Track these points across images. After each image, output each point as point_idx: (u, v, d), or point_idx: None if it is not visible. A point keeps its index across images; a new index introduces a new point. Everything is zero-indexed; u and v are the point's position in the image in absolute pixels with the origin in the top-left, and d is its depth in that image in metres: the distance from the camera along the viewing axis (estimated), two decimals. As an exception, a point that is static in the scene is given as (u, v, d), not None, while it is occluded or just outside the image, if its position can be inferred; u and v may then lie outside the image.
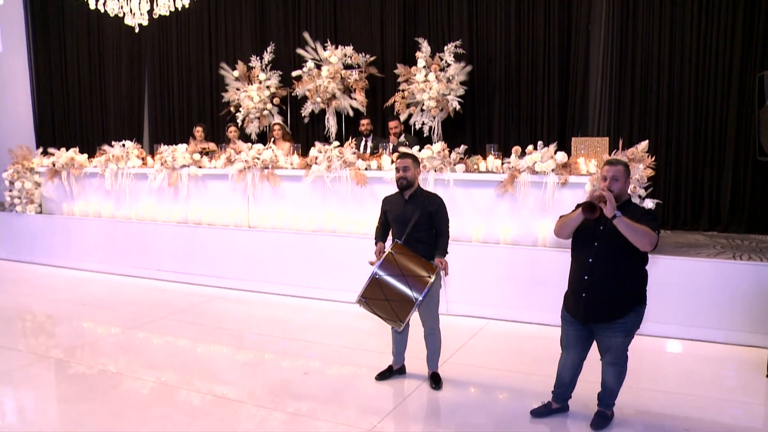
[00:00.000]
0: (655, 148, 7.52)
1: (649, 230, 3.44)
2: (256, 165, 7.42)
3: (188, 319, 6.25)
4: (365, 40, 9.23)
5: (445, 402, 4.32)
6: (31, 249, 9.00)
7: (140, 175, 8.25)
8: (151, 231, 8.00)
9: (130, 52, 11.15)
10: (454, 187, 6.44)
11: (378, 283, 4.00)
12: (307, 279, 6.97)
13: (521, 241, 6.20)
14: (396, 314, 4.03)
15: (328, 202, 7.12)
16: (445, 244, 4.31)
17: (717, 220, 7.37)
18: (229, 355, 5.35)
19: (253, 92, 9.61)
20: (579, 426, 3.90)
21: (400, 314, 4.02)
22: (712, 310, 5.35)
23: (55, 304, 7.04)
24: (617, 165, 3.68)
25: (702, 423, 3.96)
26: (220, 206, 7.73)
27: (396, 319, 4.07)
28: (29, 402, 4.40)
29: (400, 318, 4.04)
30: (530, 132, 8.19)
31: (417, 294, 3.97)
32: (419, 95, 8.38)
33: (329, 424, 3.96)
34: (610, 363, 3.79)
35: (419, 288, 3.99)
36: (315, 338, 5.64)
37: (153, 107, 11.10)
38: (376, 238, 4.53)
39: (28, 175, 9.10)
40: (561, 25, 8.06)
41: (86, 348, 5.48)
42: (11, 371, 4.85)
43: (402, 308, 4.00)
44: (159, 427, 3.91)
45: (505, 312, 6.04)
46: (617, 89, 7.72)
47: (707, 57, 7.31)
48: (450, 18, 8.71)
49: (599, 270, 3.64)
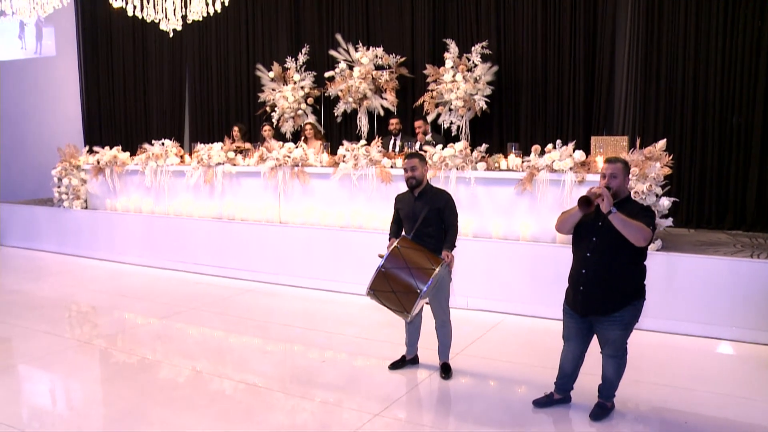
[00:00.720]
0: (680, 146, 7.53)
1: (643, 226, 3.56)
2: (287, 163, 7.70)
3: (220, 310, 6.57)
4: (396, 42, 9.42)
5: (454, 391, 4.50)
6: (77, 242, 9.50)
7: (178, 173, 8.64)
8: (188, 226, 8.38)
9: (171, 56, 11.61)
10: (475, 184, 6.60)
11: (385, 276, 4.20)
12: (335, 273, 7.21)
13: (540, 237, 6.31)
14: (402, 305, 4.22)
15: (355, 199, 7.35)
16: (453, 237, 4.48)
17: (742, 219, 7.31)
18: (256, 344, 5.63)
19: (287, 92, 9.90)
20: (579, 416, 4.03)
21: (406, 305, 4.21)
22: (725, 307, 5.38)
23: (96, 294, 7.46)
24: (616, 163, 3.80)
25: (701, 417, 4.03)
26: (253, 202, 8.04)
27: (402, 310, 4.26)
28: (64, 381, 4.77)
29: (406, 309, 4.23)
30: (556, 131, 8.24)
31: (421, 285, 4.16)
32: (447, 95, 8.54)
33: (339, 407, 4.19)
34: (609, 356, 3.91)
35: (423, 279, 4.17)
36: (337, 329, 5.88)
37: (193, 107, 11.53)
38: (390, 235, 4.73)
39: (75, 173, 9.61)
40: (587, 26, 8.10)
41: (123, 335, 5.85)
42: (53, 354, 5.23)
43: (407, 299, 4.19)
44: (193, 411, 4.20)
45: (523, 307, 6.16)
46: (642, 88, 7.73)
47: (732, 55, 7.26)
48: (478, 20, 8.83)
49: (596, 264, 3.77)
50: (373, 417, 4.02)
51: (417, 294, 4.16)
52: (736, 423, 3.98)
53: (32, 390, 4.65)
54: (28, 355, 5.25)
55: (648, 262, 3.84)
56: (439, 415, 4.21)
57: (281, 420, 4.04)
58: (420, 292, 4.15)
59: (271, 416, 4.08)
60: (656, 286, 5.46)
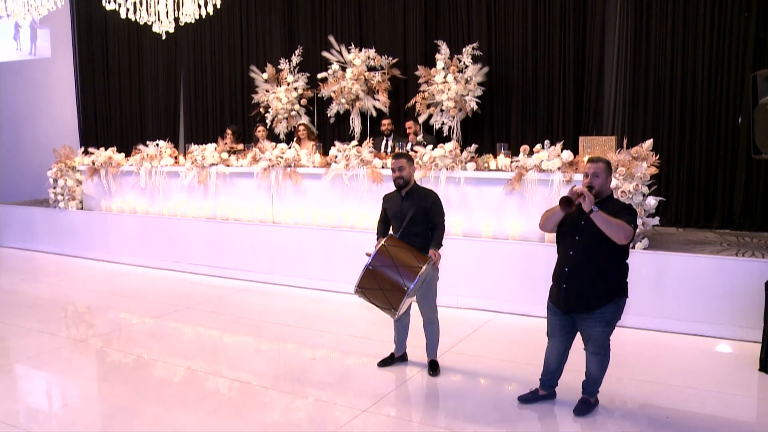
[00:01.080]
0: (669, 145, 7.64)
1: (624, 224, 3.65)
2: (280, 163, 7.78)
3: (214, 310, 6.64)
4: (388, 43, 9.50)
5: (441, 387, 4.58)
6: (72, 243, 9.56)
7: (172, 173, 8.72)
8: (182, 226, 8.46)
9: (166, 57, 11.67)
10: (465, 184, 6.68)
11: (372, 274, 4.29)
12: (327, 272, 7.28)
13: (529, 236, 6.40)
14: (390, 302, 4.30)
15: (347, 199, 7.43)
16: (440, 236, 4.56)
17: (730, 218, 7.41)
18: (249, 343, 5.71)
19: (281, 94, 9.98)
20: (564, 412, 4.11)
21: (393, 303, 4.29)
22: (710, 305, 5.47)
23: (92, 294, 7.53)
24: (598, 162, 3.89)
25: (683, 412, 4.12)
26: (246, 203, 8.12)
27: (390, 308, 4.34)
28: (59, 378, 4.84)
29: (393, 306, 4.31)
30: (547, 131, 8.33)
31: (408, 283, 4.24)
32: (439, 96, 8.63)
33: (329, 404, 4.28)
34: (592, 352, 4.00)
35: (410, 277, 4.25)
36: (328, 328, 5.96)
37: (188, 108, 11.60)
38: (378, 234, 4.82)
39: (70, 173, 9.66)
40: (576, 27, 8.19)
41: (119, 334, 5.92)
42: (49, 352, 5.31)
43: (394, 297, 4.27)
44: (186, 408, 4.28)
45: (513, 306, 6.25)
46: (631, 89, 7.84)
47: (720, 57, 7.36)
48: (469, 21, 8.91)
49: (579, 262, 3.86)
50: (361, 413, 4.10)
51: (404, 292, 4.24)
52: (715, 418, 4.07)
53: (28, 388, 4.73)
54: (24, 353, 5.33)
55: (635, 261, 3.93)
56: (427, 411, 4.28)
57: (273, 416, 4.12)
58: (407, 289, 4.23)
59: (263, 413, 4.16)
60: (643, 284, 5.57)
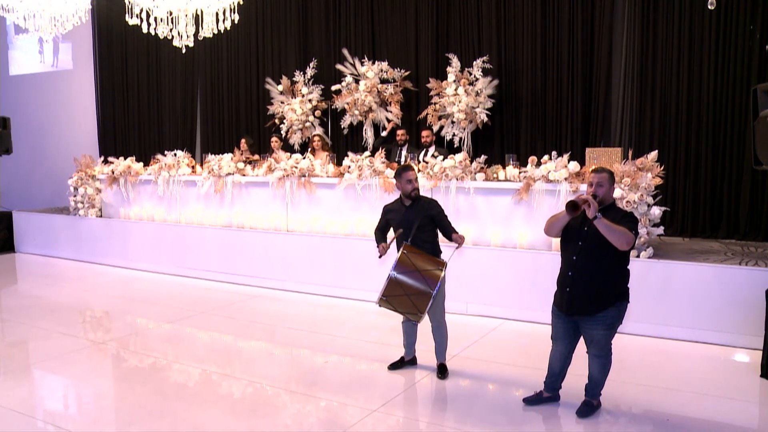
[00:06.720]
0: (675, 157, 7.75)
1: (626, 231, 3.80)
2: (294, 173, 7.98)
3: (229, 315, 6.83)
4: (400, 56, 9.71)
5: (449, 390, 4.73)
6: (92, 250, 9.81)
7: (189, 182, 8.95)
8: (198, 234, 8.67)
9: (184, 70, 11.96)
10: (474, 194, 6.84)
11: (396, 282, 4.48)
12: (339, 279, 7.45)
13: (537, 245, 6.53)
14: (416, 307, 4.50)
15: (360, 209, 7.60)
16: (454, 229, 4.83)
17: (735, 228, 7.49)
18: (263, 347, 5.88)
19: (296, 105, 10.20)
20: (567, 413, 4.24)
21: (420, 306, 4.49)
22: (712, 313, 5.57)
23: (110, 299, 7.74)
24: (602, 173, 4.05)
25: (683, 416, 4.23)
26: (261, 211, 8.32)
27: (416, 312, 4.54)
28: (80, 380, 5.03)
29: (419, 310, 4.51)
30: (555, 143, 8.45)
31: (432, 286, 4.45)
32: (450, 108, 8.81)
33: (340, 405, 4.44)
34: (594, 355, 4.13)
35: (433, 281, 4.47)
36: (340, 333, 6.13)
37: (204, 119, 11.87)
38: (377, 240, 5.01)
39: (90, 182, 9.93)
40: (584, 41, 8.33)
41: (135, 338, 6.12)
42: (69, 354, 5.52)
43: (420, 300, 4.47)
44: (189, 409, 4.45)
45: (520, 313, 6.37)
46: (638, 101, 7.98)
47: (725, 69, 7.46)
48: (479, 35, 9.09)
49: (582, 267, 4.01)
50: (371, 413, 4.25)
51: (430, 295, 4.45)
52: (714, 422, 4.17)
53: (50, 388, 4.93)
54: (45, 355, 5.54)
55: (641, 269, 4.06)
56: (435, 413, 4.44)
57: (285, 418, 4.28)
58: (433, 293, 4.43)
59: (276, 414, 4.32)
60: (647, 292, 5.68)
